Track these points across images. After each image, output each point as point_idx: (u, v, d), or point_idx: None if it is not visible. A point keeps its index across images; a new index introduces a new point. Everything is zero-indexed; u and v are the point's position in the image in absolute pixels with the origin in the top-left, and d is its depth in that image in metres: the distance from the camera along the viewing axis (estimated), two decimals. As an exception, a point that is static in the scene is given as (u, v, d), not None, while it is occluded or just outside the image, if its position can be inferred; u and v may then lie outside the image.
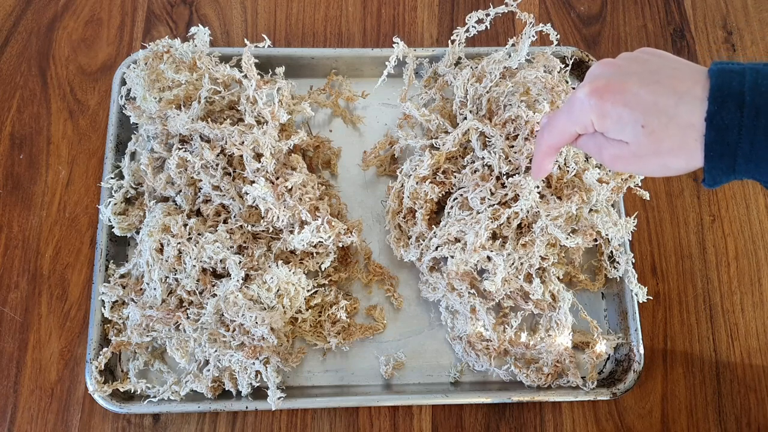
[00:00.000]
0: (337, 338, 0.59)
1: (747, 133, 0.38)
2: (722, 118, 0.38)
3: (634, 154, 0.42)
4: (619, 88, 0.41)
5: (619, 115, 0.41)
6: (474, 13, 0.61)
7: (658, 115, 0.40)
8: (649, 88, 0.40)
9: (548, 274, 0.59)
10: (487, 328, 0.58)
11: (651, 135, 0.40)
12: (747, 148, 0.38)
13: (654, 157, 0.42)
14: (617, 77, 0.42)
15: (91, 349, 0.57)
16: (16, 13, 0.72)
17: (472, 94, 0.62)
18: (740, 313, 0.64)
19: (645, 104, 0.40)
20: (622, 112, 0.41)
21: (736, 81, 0.39)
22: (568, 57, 0.67)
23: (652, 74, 0.41)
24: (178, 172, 0.58)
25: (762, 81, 0.38)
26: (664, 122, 0.40)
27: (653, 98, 0.40)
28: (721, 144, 0.39)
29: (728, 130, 0.38)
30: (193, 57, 0.61)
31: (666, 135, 0.40)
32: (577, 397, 0.58)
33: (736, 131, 0.38)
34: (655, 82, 0.40)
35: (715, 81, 0.39)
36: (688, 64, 0.42)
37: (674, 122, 0.40)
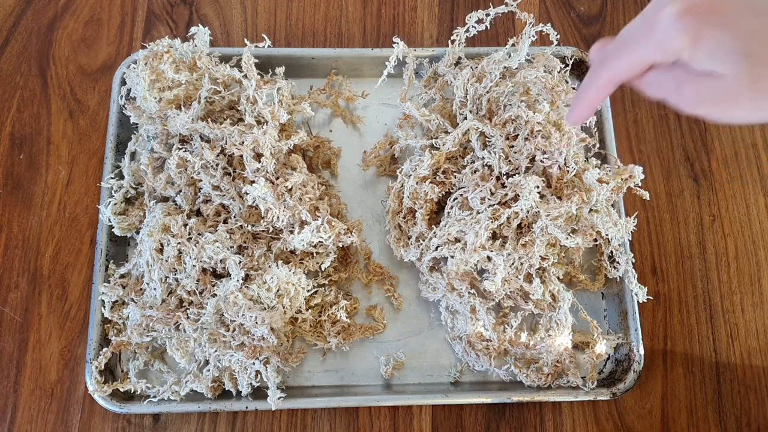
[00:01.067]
0: (337, 338, 0.59)
1: None
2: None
3: (727, 92, 0.34)
4: (719, 7, 0.33)
5: (718, 40, 0.33)
6: (474, 13, 0.61)
7: (763, 41, 0.32)
8: (756, 9, 0.33)
9: (548, 274, 0.59)
10: (487, 328, 0.58)
11: (755, 68, 0.33)
12: None
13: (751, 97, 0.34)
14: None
15: (91, 349, 0.57)
16: (16, 13, 0.72)
17: (472, 94, 0.62)
18: (740, 313, 0.64)
19: (751, 28, 0.33)
20: (722, 37, 0.33)
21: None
22: (568, 57, 0.67)
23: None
24: (178, 172, 0.58)
25: None
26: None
27: (761, 21, 0.33)
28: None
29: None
30: (193, 57, 0.61)
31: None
32: (577, 397, 0.58)
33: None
34: (756, 6, 0.33)
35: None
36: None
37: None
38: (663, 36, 0.34)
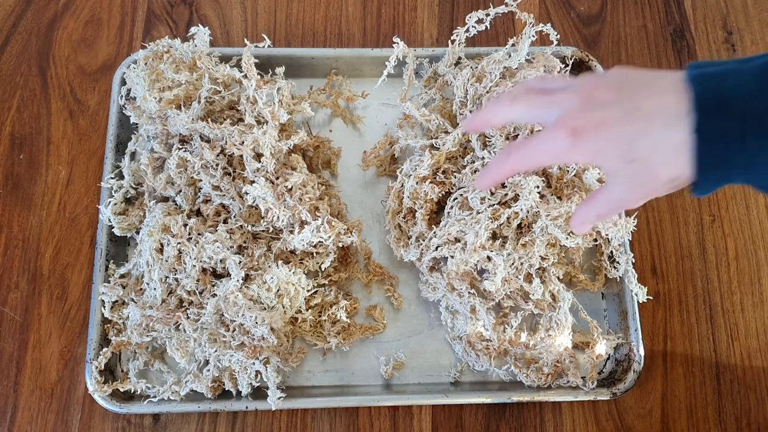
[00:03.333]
0: (337, 338, 0.59)
1: (738, 140, 0.36)
2: (710, 129, 0.36)
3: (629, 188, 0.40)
4: (600, 124, 0.38)
5: (605, 154, 0.39)
6: (474, 13, 0.61)
7: (646, 144, 0.38)
8: (630, 119, 0.38)
9: (548, 274, 0.59)
10: (487, 328, 0.58)
11: (644, 166, 0.38)
12: (741, 156, 0.36)
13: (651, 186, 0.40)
14: (595, 111, 0.39)
15: (91, 349, 0.57)
16: (16, 13, 0.72)
17: (472, 94, 0.62)
18: (740, 313, 0.64)
19: (629, 137, 0.38)
20: (608, 151, 0.39)
21: (718, 87, 0.37)
22: (568, 57, 0.67)
23: (629, 98, 0.39)
24: (178, 172, 0.58)
25: (745, 82, 0.36)
26: (654, 150, 0.38)
27: (636, 128, 0.38)
28: (713, 155, 0.37)
29: (718, 141, 0.36)
30: (193, 57, 0.61)
31: (660, 161, 0.38)
32: (577, 397, 0.58)
33: (726, 141, 0.36)
34: (635, 109, 0.38)
35: (697, 89, 0.37)
36: (662, 75, 0.39)
37: (665, 146, 0.37)
38: (556, 152, 0.40)
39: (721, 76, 0.37)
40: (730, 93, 0.36)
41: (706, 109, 0.36)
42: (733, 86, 0.36)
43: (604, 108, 0.39)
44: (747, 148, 0.36)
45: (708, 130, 0.36)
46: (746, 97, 0.36)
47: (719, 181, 0.38)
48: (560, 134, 0.39)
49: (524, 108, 0.43)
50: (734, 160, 0.37)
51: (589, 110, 0.39)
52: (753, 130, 0.36)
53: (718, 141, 0.36)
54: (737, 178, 0.38)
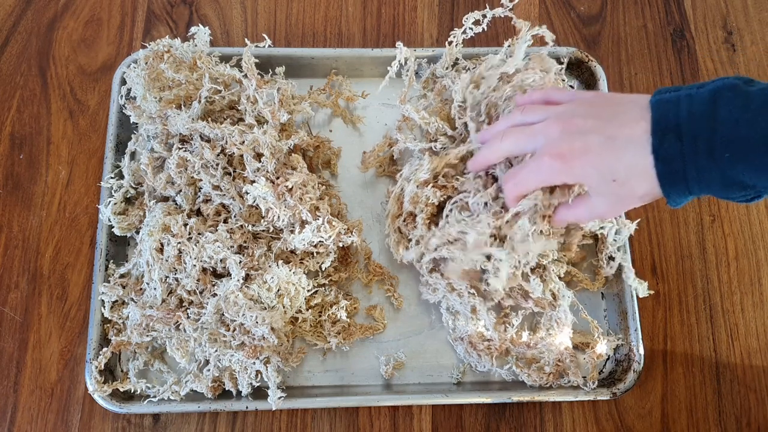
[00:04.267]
0: (337, 338, 0.59)
1: (690, 160, 0.40)
2: (666, 149, 0.41)
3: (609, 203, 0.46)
4: (582, 150, 0.44)
5: (588, 175, 0.44)
6: (471, 15, 0.61)
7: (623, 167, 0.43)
8: (608, 144, 0.43)
9: (548, 272, 0.59)
10: (488, 328, 0.58)
11: (623, 185, 0.43)
12: (694, 174, 0.41)
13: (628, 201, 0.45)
14: (577, 139, 0.44)
15: (91, 349, 0.57)
16: (16, 13, 0.72)
17: (470, 101, 0.62)
18: (740, 313, 0.64)
19: (608, 162, 0.43)
20: (590, 173, 0.44)
21: (672, 111, 0.41)
22: (562, 56, 0.67)
23: (606, 124, 0.43)
24: (178, 172, 0.58)
25: (696, 107, 0.40)
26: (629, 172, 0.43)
27: (613, 154, 0.43)
28: (671, 173, 0.41)
29: (674, 160, 0.41)
30: (193, 57, 0.61)
31: (635, 181, 0.43)
32: (577, 396, 0.58)
33: (680, 160, 0.41)
34: (611, 137, 0.43)
35: (655, 114, 0.42)
36: (634, 101, 0.44)
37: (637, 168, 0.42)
38: (547, 175, 0.46)
39: (676, 101, 0.41)
40: (683, 117, 0.40)
41: (662, 132, 0.41)
42: (685, 110, 0.41)
43: (585, 135, 0.44)
44: (698, 166, 0.40)
45: (664, 151, 0.41)
46: (695, 120, 0.40)
47: (683, 194, 0.43)
48: (548, 159, 0.45)
49: (513, 143, 0.49)
50: (689, 176, 0.41)
51: (572, 137, 0.44)
52: (702, 151, 0.40)
53: (673, 160, 0.41)
54: (698, 192, 0.42)
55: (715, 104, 0.40)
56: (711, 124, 0.39)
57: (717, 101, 0.40)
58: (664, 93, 0.43)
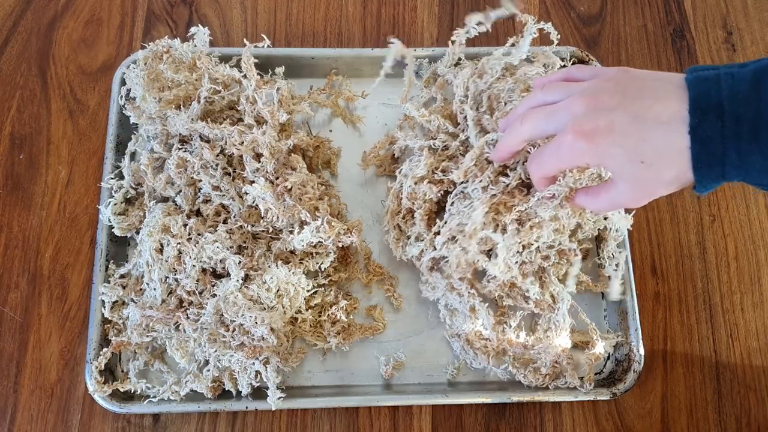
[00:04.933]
0: (337, 338, 0.59)
1: (731, 142, 0.38)
2: (705, 130, 0.38)
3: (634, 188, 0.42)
4: (607, 128, 0.40)
5: (613, 155, 0.41)
6: (474, 16, 0.61)
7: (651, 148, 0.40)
8: (636, 123, 0.40)
9: (548, 274, 0.59)
10: (486, 328, 0.58)
11: (650, 168, 0.40)
12: (734, 157, 0.38)
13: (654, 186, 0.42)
14: (603, 116, 0.41)
15: (91, 349, 0.57)
16: (16, 13, 0.72)
17: (473, 90, 0.62)
18: (740, 313, 0.64)
19: (636, 141, 0.40)
20: (616, 153, 0.41)
21: (713, 90, 0.38)
22: (566, 58, 0.67)
23: (634, 101, 0.41)
24: (178, 173, 0.58)
25: (738, 86, 0.38)
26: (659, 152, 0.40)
27: (642, 133, 0.40)
28: (708, 155, 0.39)
29: (712, 141, 0.38)
30: (192, 57, 0.61)
31: (664, 163, 0.40)
32: (577, 397, 0.58)
33: (720, 142, 0.38)
34: (640, 114, 0.40)
35: (693, 92, 0.39)
36: (664, 79, 0.41)
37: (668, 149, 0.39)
38: (568, 156, 0.43)
39: (716, 80, 0.39)
40: (724, 96, 0.38)
41: (701, 112, 0.38)
42: (726, 89, 0.38)
43: (611, 113, 0.40)
44: (740, 149, 0.38)
45: (702, 131, 0.38)
46: (738, 100, 0.37)
47: (716, 179, 0.40)
48: (571, 138, 0.41)
49: (533, 125, 0.45)
50: (728, 159, 0.38)
51: (597, 115, 0.41)
52: (745, 133, 0.37)
53: (712, 141, 0.38)
54: (733, 177, 0.39)
55: (759, 84, 0.37)
56: (756, 105, 0.37)
57: (761, 81, 0.38)
58: (701, 71, 0.40)
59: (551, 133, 0.45)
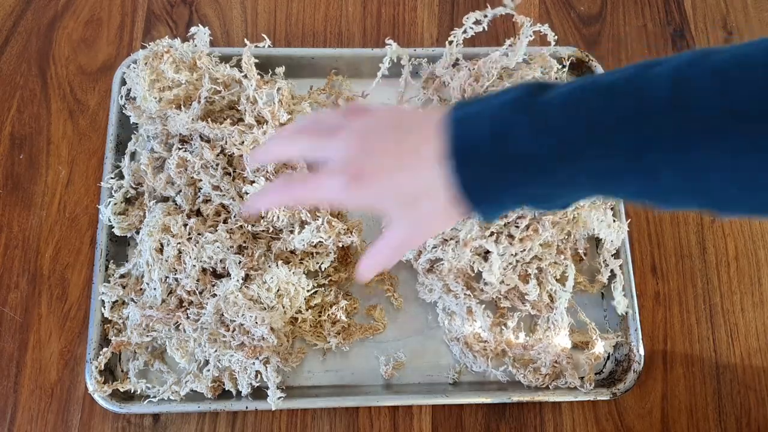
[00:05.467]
0: (337, 338, 0.59)
1: (492, 178, 0.38)
2: (466, 170, 0.38)
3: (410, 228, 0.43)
4: (376, 171, 0.41)
5: (383, 199, 0.42)
6: (472, 14, 0.61)
7: (418, 190, 0.40)
8: (403, 165, 0.40)
9: (545, 274, 0.59)
10: (484, 329, 0.58)
11: (420, 208, 0.41)
12: (499, 192, 0.39)
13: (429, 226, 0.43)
14: (371, 158, 0.41)
15: (91, 349, 0.57)
16: (16, 13, 0.72)
17: (469, 93, 0.62)
18: (740, 313, 0.64)
19: (403, 184, 0.40)
20: (386, 196, 0.41)
21: (468, 129, 0.39)
22: (564, 58, 0.67)
23: (401, 144, 0.41)
24: (178, 172, 0.58)
25: (492, 124, 0.38)
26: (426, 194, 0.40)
27: (408, 175, 0.40)
28: (476, 192, 0.39)
29: (475, 180, 0.39)
30: (193, 57, 0.61)
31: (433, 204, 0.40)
32: (577, 397, 0.58)
33: (481, 180, 0.39)
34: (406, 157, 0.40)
35: (453, 133, 0.39)
36: (430, 119, 0.41)
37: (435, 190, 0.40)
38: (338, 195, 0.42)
39: (471, 119, 0.39)
40: (479, 135, 0.38)
41: (461, 153, 0.38)
42: (480, 128, 0.38)
43: (379, 155, 0.41)
44: (501, 184, 0.38)
45: (465, 172, 0.39)
46: (492, 137, 0.38)
47: (494, 211, 0.41)
48: (340, 178, 0.41)
49: (308, 144, 0.45)
50: (493, 196, 0.39)
51: (366, 157, 0.41)
52: (501, 169, 0.38)
53: (475, 180, 0.39)
54: (509, 208, 0.41)
55: (505, 121, 0.38)
56: (505, 141, 0.37)
57: (508, 117, 0.38)
58: (459, 109, 0.41)
59: (317, 159, 0.45)
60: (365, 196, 0.42)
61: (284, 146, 0.46)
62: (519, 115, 0.37)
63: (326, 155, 0.44)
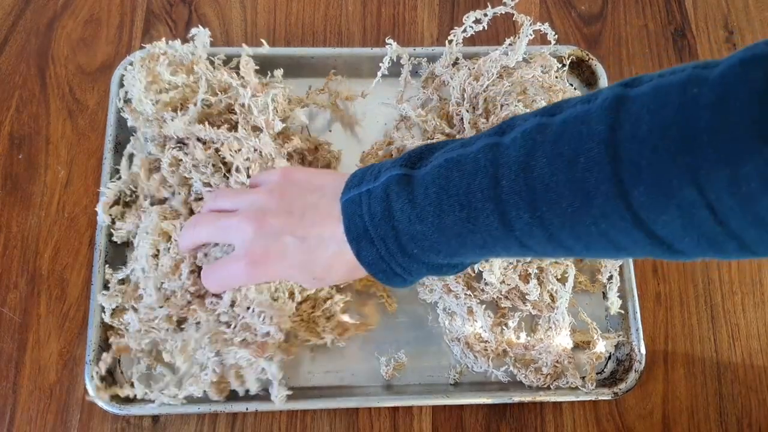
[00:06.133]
0: (332, 334, 0.58)
1: (389, 259, 0.40)
2: (364, 254, 0.40)
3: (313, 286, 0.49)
4: (278, 253, 0.43)
5: (288, 276, 0.45)
6: (472, 13, 0.61)
7: (320, 266, 0.42)
8: (303, 245, 0.42)
9: (545, 274, 0.59)
10: (485, 330, 0.58)
11: (324, 281, 0.45)
12: (400, 269, 0.40)
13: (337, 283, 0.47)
14: (270, 241, 0.43)
15: (91, 351, 0.57)
16: (15, 12, 0.72)
17: (469, 93, 0.62)
18: (741, 314, 0.64)
19: (306, 261, 0.43)
20: (290, 274, 0.44)
21: (357, 214, 0.40)
22: (565, 57, 0.67)
23: (298, 223, 0.42)
24: (171, 171, 0.57)
25: (375, 207, 0.39)
26: (328, 269, 0.43)
27: (310, 254, 0.42)
28: (379, 271, 0.41)
29: (376, 262, 0.40)
30: (191, 60, 0.60)
31: (335, 276, 0.44)
32: (579, 397, 0.58)
33: (381, 261, 0.40)
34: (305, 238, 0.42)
35: (345, 218, 0.41)
36: (323, 193, 0.43)
37: (335, 267, 0.42)
38: (244, 279, 0.46)
39: (358, 203, 0.40)
40: (367, 221, 0.39)
41: (355, 240, 0.40)
42: (366, 212, 0.40)
43: (278, 237, 0.42)
44: (401, 263, 0.40)
45: (364, 255, 0.40)
46: (376, 222, 0.39)
47: (404, 282, 0.43)
48: (244, 266, 0.43)
49: (207, 233, 0.47)
50: (398, 271, 0.41)
51: (266, 240, 0.43)
52: (394, 251, 0.39)
53: (376, 262, 0.40)
54: (417, 278, 0.43)
55: (389, 201, 0.39)
56: (391, 223, 0.39)
57: (389, 197, 0.39)
58: (349, 190, 0.42)
59: (224, 242, 0.48)
60: (268, 276, 0.45)
61: (193, 237, 0.49)
62: (396, 194, 0.38)
63: (228, 241, 0.46)
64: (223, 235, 0.46)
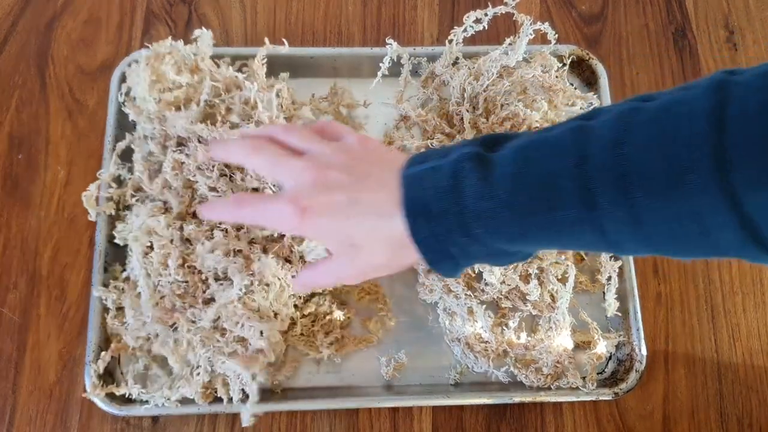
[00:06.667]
0: (330, 349, 0.58)
1: (447, 239, 0.38)
2: (420, 230, 0.38)
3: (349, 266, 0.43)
4: (325, 207, 0.41)
5: (325, 234, 0.42)
6: (472, 13, 0.61)
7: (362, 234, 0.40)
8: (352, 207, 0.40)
9: (546, 274, 0.59)
10: (485, 330, 0.58)
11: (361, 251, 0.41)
12: (457, 250, 0.39)
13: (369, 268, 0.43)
14: (324, 193, 0.41)
15: (90, 351, 0.57)
16: (15, 12, 0.72)
17: (469, 92, 0.61)
18: (742, 314, 0.64)
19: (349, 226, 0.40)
20: (329, 232, 0.41)
21: (419, 189, 0.38)
22: (565, 56, 0.67)
23: (356, 184, 0.41)
24: (174, 175, 0.57)
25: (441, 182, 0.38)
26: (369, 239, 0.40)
27: (356, 219, 0.40)
28: (432, 252, 0.39)
29: (431, 240, 0.38)
30: (195, 59, 0.60)
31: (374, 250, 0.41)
32: (579, 397, 0.58)
33: (437, 240, 0.38)
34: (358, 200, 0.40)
35: (405, 191, 0.39)
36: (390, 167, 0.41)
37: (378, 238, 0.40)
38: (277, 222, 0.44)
39: (421, 177, 0.39)
40: (429, 196, 0.38)
41: (412, 215, 0.38)
42: (430, 188, 0.38)
43: (332, 191, 0.41)
44: (457, 243, 0.38)
45: (419, 232, 0.38)
46: (441, 198, 0.37)
47: (453, 269, 0.40)
48: (289, 209, 0.41)
49: (263, 163, 0.44)
50: (452, 253, 0.39)
51: (319, 191, 0.41)
52: (455, 229, 0.37)
53: (431, 240, 0.39)
54: (468, 264, 0.40)
55: (458, 176, 0.37)
56: (457, 200, 0.37)
57: (460, 173, 0.37)
58: (413, 165, 0.40)
59: (272, 180, 0.46)
60: (309, 231, 0.43)
61: (245, 155, 0.46)
62: (468, 170, 0.37)
63: (281, 179, 0.44)
64: (278, 172, 0.44)
